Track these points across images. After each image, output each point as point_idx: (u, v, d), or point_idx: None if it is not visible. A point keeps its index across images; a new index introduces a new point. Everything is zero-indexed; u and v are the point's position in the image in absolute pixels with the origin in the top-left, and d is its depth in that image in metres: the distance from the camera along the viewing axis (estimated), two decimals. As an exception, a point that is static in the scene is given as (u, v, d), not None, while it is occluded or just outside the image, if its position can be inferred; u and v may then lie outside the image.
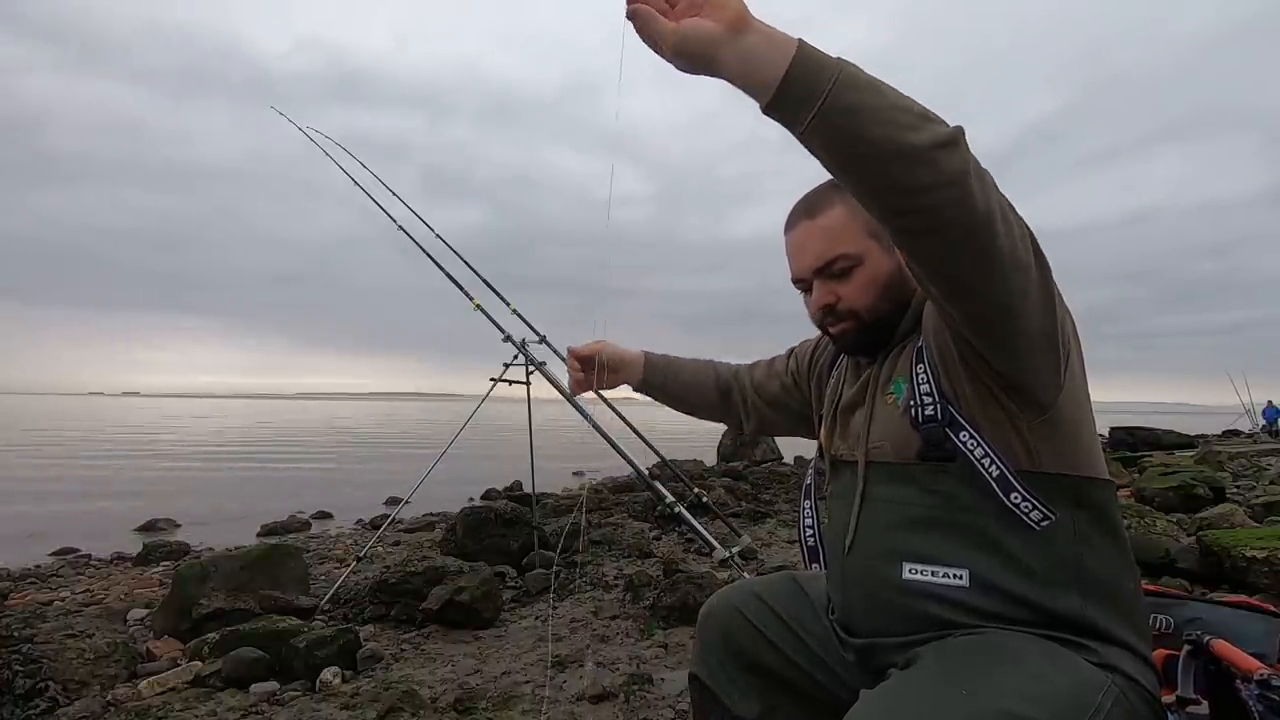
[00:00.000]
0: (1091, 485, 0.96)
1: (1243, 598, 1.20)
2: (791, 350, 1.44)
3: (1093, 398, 0.99)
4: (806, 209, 1.10)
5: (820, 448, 1.25)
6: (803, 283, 1.13)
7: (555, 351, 4.18)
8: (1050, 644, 0.89)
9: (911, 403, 1.01)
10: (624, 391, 1.57)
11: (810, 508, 1.26)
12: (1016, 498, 0.92)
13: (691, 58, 0.76)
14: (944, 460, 0.97)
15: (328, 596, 3.90)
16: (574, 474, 13.29)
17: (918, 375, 1.02)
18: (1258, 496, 6.08)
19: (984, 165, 0.78)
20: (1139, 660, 0.92)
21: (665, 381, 1.50)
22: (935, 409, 0.98)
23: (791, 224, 1.12)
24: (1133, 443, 14.45)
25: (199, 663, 2.87)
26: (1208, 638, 0.98)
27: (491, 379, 4.25)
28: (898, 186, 0.75)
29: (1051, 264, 0.87)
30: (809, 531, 1.24)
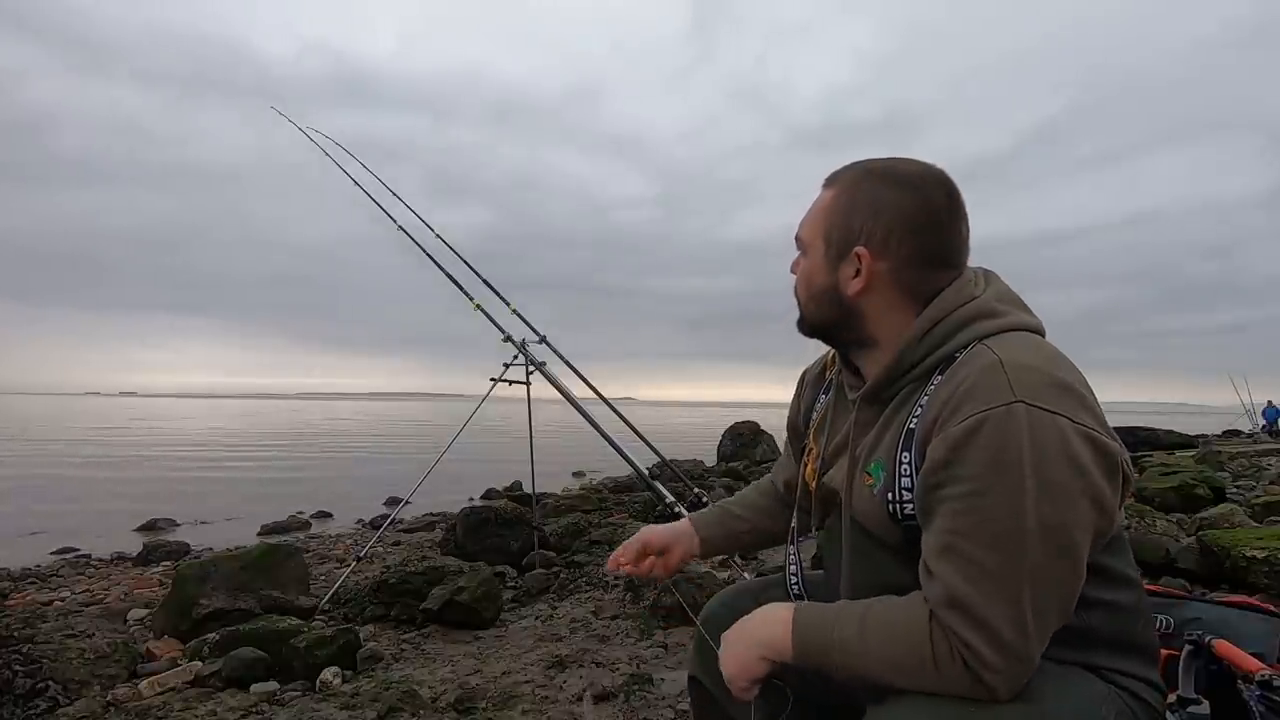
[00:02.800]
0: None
1: (1243, 598, 1.20)
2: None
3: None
4: (826, 179, 1.04)
5: (802, 480, 1.15)
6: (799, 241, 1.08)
7: (555, 351, 4.18)
8: (1053, 664, 0.87)
9: (890, 495, 0.93)
10: (624, 391, 1.49)
11: (795, 553, 1.16)
12: None
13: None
14: None
15: (328, 596, 3.90)
16: (574, 474, 13.30)
17: (901, 465, 0.92)
18: (1258, 496, 6.07)
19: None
20: (1144, 683, 0.91)
21: (727, 543, 1.40)
22: (916, 508, 0.90)
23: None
24: (1133, 442, 14.46)
25: (199, 663, 2.87)
26: (1209, 638, 0.98)
27: (492, 379, 4.25)
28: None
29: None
30: (793, 580, 1.15)
